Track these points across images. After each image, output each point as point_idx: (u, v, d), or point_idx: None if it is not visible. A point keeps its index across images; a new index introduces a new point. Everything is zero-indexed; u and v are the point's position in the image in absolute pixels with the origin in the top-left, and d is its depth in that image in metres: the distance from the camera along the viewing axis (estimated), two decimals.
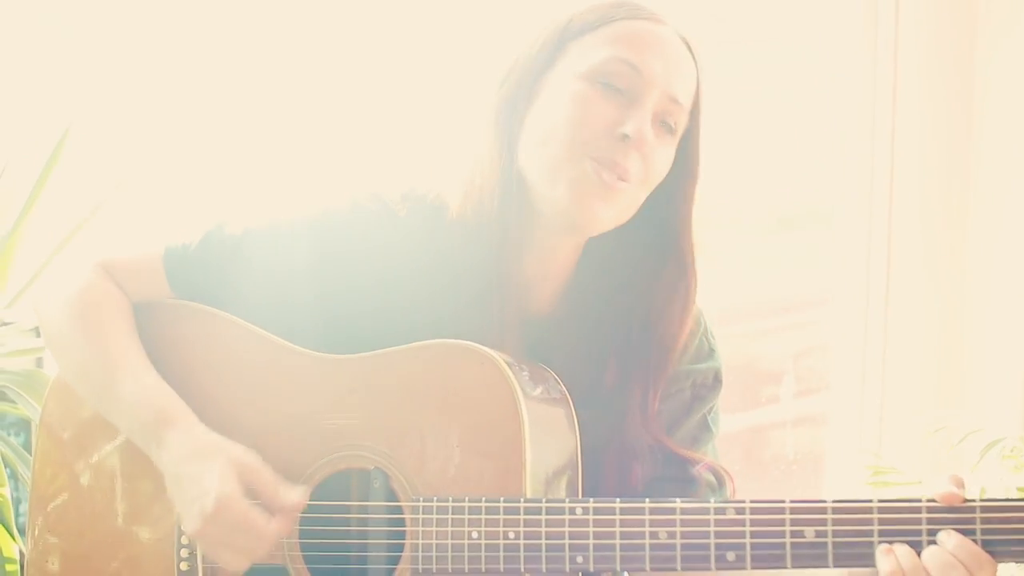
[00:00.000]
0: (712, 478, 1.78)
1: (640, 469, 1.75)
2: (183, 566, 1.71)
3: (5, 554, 2.27)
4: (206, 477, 1.60)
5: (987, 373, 2.72)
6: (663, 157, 1.69)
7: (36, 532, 1.82)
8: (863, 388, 2.83)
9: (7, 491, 2.30)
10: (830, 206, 2.96)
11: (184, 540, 1.71)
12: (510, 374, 1.59)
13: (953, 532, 1.41)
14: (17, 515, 2.50)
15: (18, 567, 2.27)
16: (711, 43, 1.75)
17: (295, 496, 1.61)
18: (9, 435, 2.59)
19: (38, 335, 2.53)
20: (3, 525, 2.26)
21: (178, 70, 2.71)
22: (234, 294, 1.77)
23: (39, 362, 2.61)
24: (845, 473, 2.83)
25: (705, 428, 1.82)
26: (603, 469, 1.73)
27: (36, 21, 2.70)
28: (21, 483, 2.38)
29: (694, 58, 1.71)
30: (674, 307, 1.76)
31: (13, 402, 2.36)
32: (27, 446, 2.53)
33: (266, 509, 1.60)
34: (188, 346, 1.79)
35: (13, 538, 2.29)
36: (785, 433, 3.06)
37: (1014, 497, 1.41)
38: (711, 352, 1.84)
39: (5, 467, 2.37)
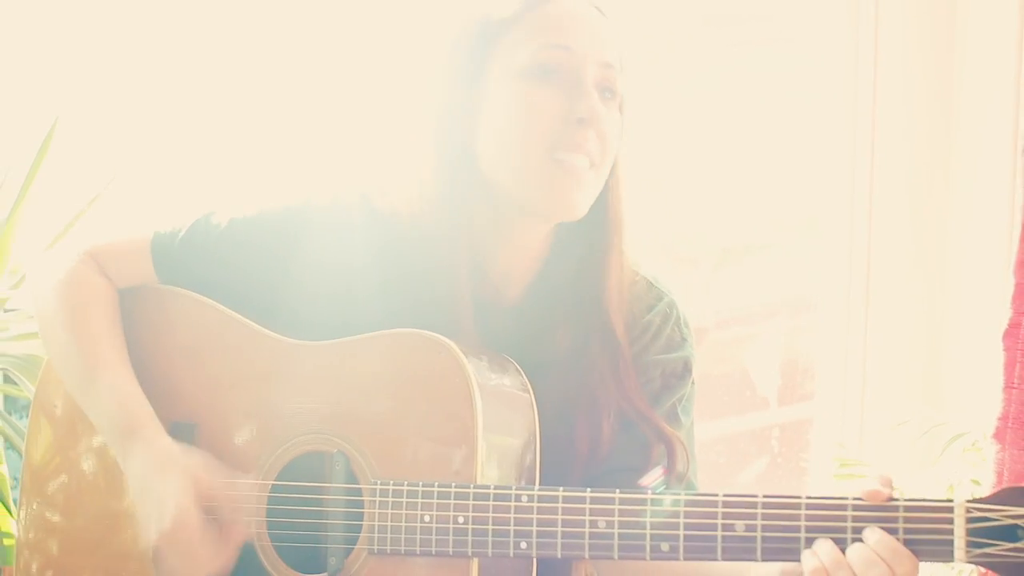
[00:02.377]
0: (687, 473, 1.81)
1: (608, 428, 1.78)
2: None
3: (3, 529, 2.34)
4: (164, 490, 1.67)
5: (960, 372, 2.76)
6: (614, 125, 1.73)
7: (30, 511, 1.88)
8: (845, 389, 2.87)
9: (5, 469, 2.36)
10: (812, 215, 2.99)
11: None
12: (465, 363, 1.64)
13: (876, 528, 1.44)
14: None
15: (15, 541, 2.33)
16: (703, 51, 1.79)
17: (243, 529, 1.69)
18: (20, 418, 2.65)
19: None
20: (2, 502, 2.33)
21: (172, 62, 2.76)
22: (216, 281, 1.83)
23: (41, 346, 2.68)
24: (825, 470, 2.86)
25: (674, 417, 1.84)
26: (573, 439, 1.76)
27: (29, 13, 2.75)
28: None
29: (608, 20, 1.75)
30: (603, 258, 1.79)
31: (18, 385, 2.42)
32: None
33: (221, 522, 1.68)
34: (168, 329, 1.85)
35: (11, 514, 2.35)
36: (772, 434, 3.10)
37: (938, 498, 1.44)
38: (682, 342, 1.87)
39: (8, 448, 2.43)
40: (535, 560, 1.68)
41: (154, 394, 1.80)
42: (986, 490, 1.95)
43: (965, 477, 2.20)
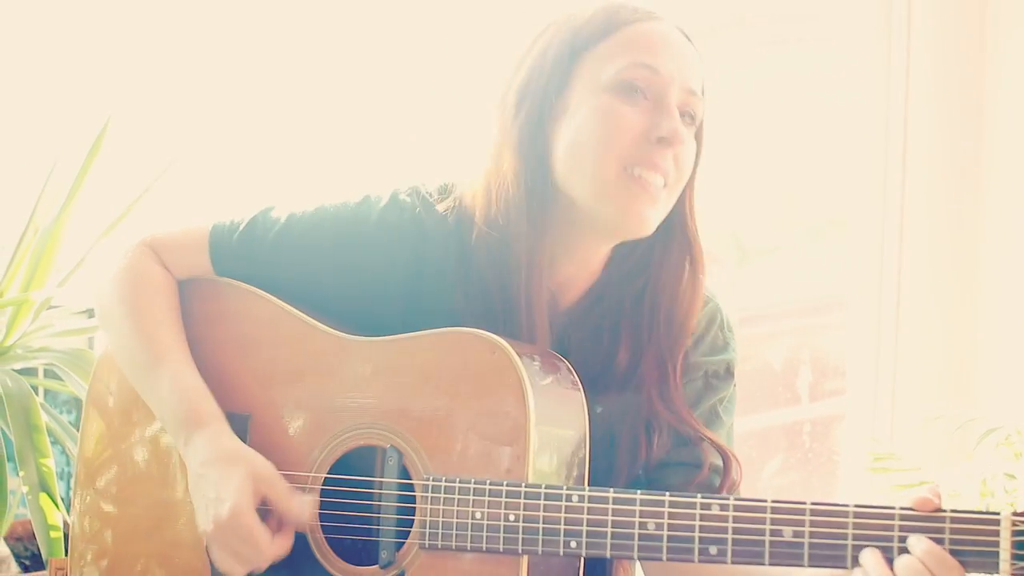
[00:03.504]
0: (719, 462, 1.85)
1: (649, 446, 1.82)
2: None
3: (50, 522, 2.38)
4: (225, 484, 1.70)
5: (992, 367, 2.78)
6: (690, 149, 1.76)
7: (84, 502, 1.92)
8: (876, 385, 2.88)
9: (52, 463, 2.41)
10: (846, 213, 3.00)
11: None
12: (519, 362, 1.66)
13: (923, 537, 1.46)
14: (66, 488, 2.62)
15: (62, 535, 2.37)
16: (734, 50, 1.81)
17: (306, 504, 1.72)
18: (60, 412, 2.69)
19: (89, 316, 2.65)
20: (48, 494, 2.37)
21: (223, 62, 2.78)
22: (273, 276, 1.85)
23: (90, 342, 2.71)
24: (858, 464, 2.89)
25: (715, 416, 1.88)
26: (617, 443, 1.80)
27: (78, 15, 2.78)
28: (70, 458, 2.48)
29: (693, 47, 1.78)
30: (682, 285, 1.83)
31: (63, 381, 2.47)
32: (77, 424, 2.64)
33: (277, 520, 1.71)
34: (223, 321, 1.88)
35: (58, 507, 2.39)
36: (803, 429, 3.12)
37: (985, 510, 1.46)
38: (726, 345, 1.91)
39: (54, 443, 2.47)
40: (582, 559, 1.71)
41: (208, 384, 1.82)
42: (1022, 484, 1.98)
43: (999, 471, 2.23)
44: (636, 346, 1.83)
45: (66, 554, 2.32)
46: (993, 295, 2.78)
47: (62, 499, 2.41)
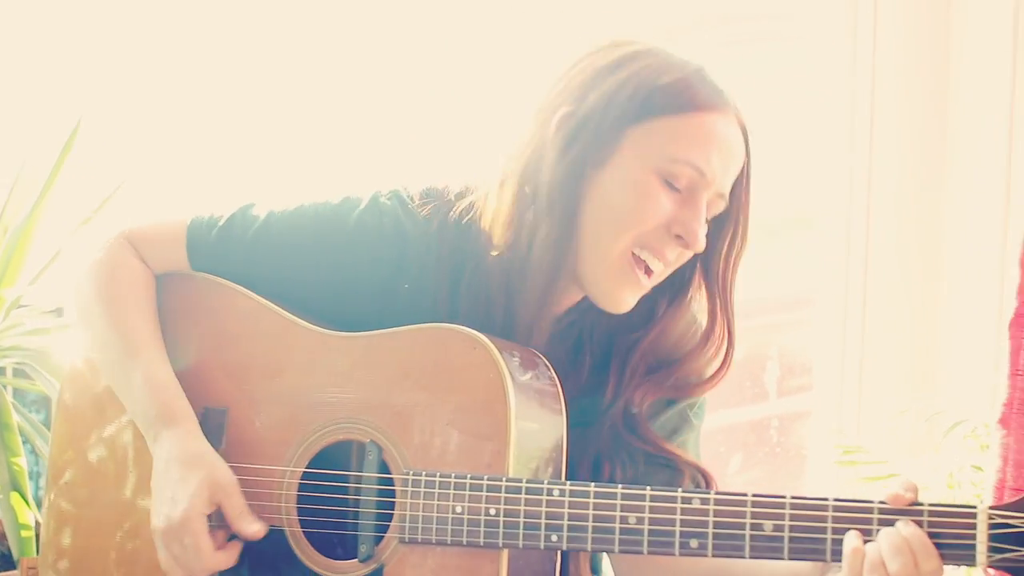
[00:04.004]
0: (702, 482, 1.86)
1: (610, 469, 1.82)
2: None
3: (20, 521, 2.36)
4: (182, 486, 1.70)
5: (956, 362, 2.82)
6: (688, 255, 1.77)
7: (50, 503, 1.91)
8: (842, 380, 2.92)
9: (24, 462, 2.39)
10: (812, 211, 3.03)
11: None
12: (499, 358, 1.67)
13: (911, 521, 1.48)
14: (36, 488, 2.61)
15: (33, 534, 2.36)
16: (700, 49, 1.81)
17: (254, 528, 1.72)
18: (30, 411, 2.68)
19: (58, 315, 2.64)
20: (19, 493, 2.36)
21: (200, 59, 2.77)
22: (250, 273, 1.85)
23: (58, 341, 2.70)
24: (825, 459, 2.92)
25: (685, 420, 1.89)
26: (577, 469, 1.80)
27: (50, 18, 2.76)
28: (40, 457, 2.47)
29: (746, 143, 1.76)
30: (703, 360, 1.84)
31: (32, 379, 2.45)
32: (47, 422, 2.62)
33: (226, 532, 1.72)
34: (200, 315, 1.88)
35: (29, 506, 2.38)
36: (771, 424, 3.15)
37: (961, 503, 1.49)
38: None
39: (24, 442, 2.46)
40: (559, 553, 1.72)
41: (186, 379, 1.82)
42: (989, 476, 2.02)
43: (966, 463, 2.26)
44: (619, 387, 1.84)
45: (37, 553, 2.32)
46: (957, 292, 2.82)
47: (33, 498, 2.40)
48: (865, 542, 1.50)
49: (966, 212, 2.81)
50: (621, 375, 1.84)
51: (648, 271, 1.74)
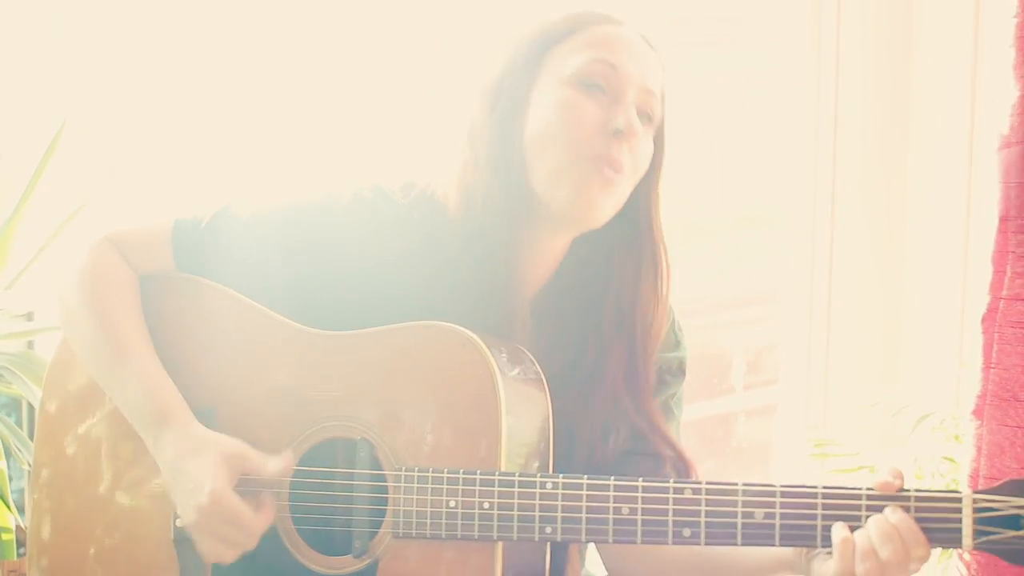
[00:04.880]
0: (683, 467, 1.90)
1: (608, 443, 1.86)
2: (179, 522, 1.78)
3: (1, 523, 2.35)
4: (199, 472, 1.71)
5: (921, 356, 2.88)
6: (646, 147, 1.81)
7: (33, 502, 1.90)
8: (808, 375, 2.97)
9: (4, 465, 2.38)
10: (777, 208, 3.08)
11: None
12: (489, 355, 1.70)
13: (898, 508, 1.53)
14: (12, 491, 2.59)
15: (13, 537, 2.35)
16: (662, 47, 1.87)
17: (281, 463, 1.73)
18: (2, 414, 2.67)
19: (28, 319, 2.63)
20: (0, 498, 2.35)
21: (180, 60, 2.76)
22: (236, 273, 1.86)
23: (30, 344, 2.68)
24: (792, 452, 2.97)
25: (668, 411, 1.94)
26: (575, 442, 1.84)
27: (34, 12, 2.75)
28: (14, 460, 2.46)
29: (656, 53, 1.84)
30: (646, 287, 1.87)
31: (10, 383, 2.44)
32: (19, 424, 2.62)
33: (254, 496, 1.72)
34: (186, 317, 1.87)
35: (9, 509, 2.37)
36: (738, 418, 3.19)
37: (946, 489, 1.54)
38: (677, 343, 1.97)
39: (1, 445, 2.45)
40: (549, 543, 1.75)
41: (173, 380, 1.82)
42: (964, 466, 2.07)
43: (936, 454, 2.31)
44: (600, 345, 1.87)
45: (18, 556, 2.32)
46: (920, 286, 2.88)
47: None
48: (852, 529, 1.55)
49: (929, 208, 2.86)
50: (599, 335, 1.87)
51: (608, 179, 1.76)
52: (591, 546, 1.96)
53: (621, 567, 1.91)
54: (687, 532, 1.60)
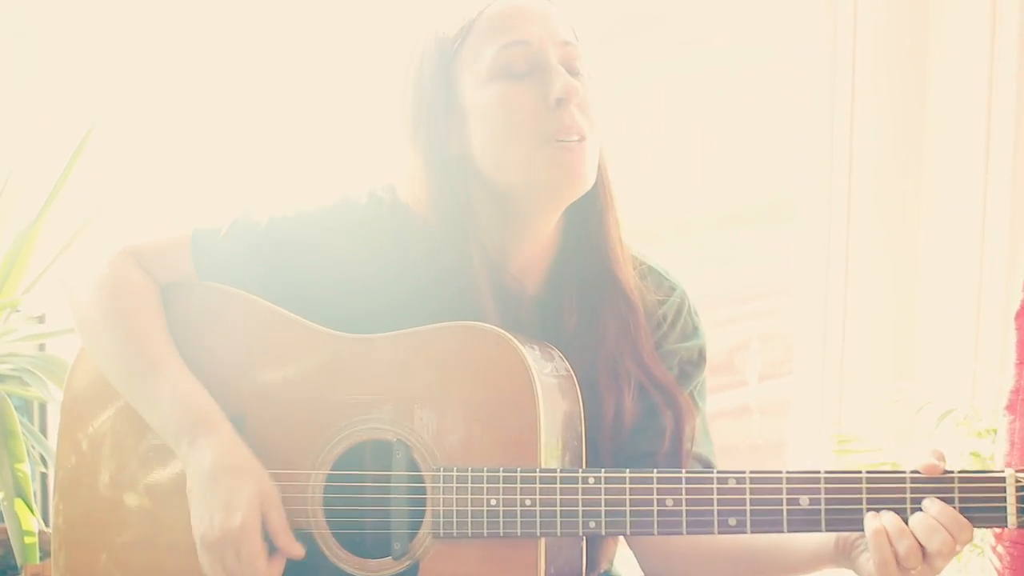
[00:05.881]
0: (705, 453, 1.91)
1: (630, 400, 1.85)
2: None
3: (24, 527, 2.35)
4: (236, 494, 1.71)
5: (937, 351, 2.88)
6: (591, 95, 1.79)
7: (65, 511, 1.90)
8: (823, 369, 2.98)
9: (28, 468, 2.38)
10: (793, 200, 3.08)
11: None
12: (524, 352, 1.70)
13: (935, 499, 1.54)
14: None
15: (36, 539, 2.35)
16: (673, 43, 1.86)
17: (297, 548, 1.73)
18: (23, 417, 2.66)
19: (40, 321, 2.63)
20: (23, 500, 2.34)
21: (183, 73, 2.77)
22: (257, 278, 1.85)
23: (41, 347, 2.69)
24: (807, 448, 2.98)
25: (692, 402, 1.92)
26: (599, 397, 1.83)
27: (56, 22, 2.75)
28: (32, 462, 2.46)
29: (550, 1, 1.82)
30: (612, 239, 1.86)
31: (28, 384, 2.44)
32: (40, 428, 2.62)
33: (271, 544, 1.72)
34: (208, 324, 1.87)
35: (32, 512, 2.37)
36: (752, 413, 3.20)
37: (988, 469, 1.55)
38: (695, 331, 1.95)
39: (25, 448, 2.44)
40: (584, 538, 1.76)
41: None
42: (994, 461, 2.08)
43: (963, 450, 2.32)
44: (585, 308, 1.87)
45: (40, 560, 2.31)
46: (935, 283, 2.89)
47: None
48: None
49: (945, 199, 2.88)
50: (584, 292, 1.87)
51: (570, 145, 1.75)
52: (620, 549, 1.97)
53: (658, 565, 1.91)
54: (733, 521, 1.61)
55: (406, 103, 1.81)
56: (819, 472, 1.59)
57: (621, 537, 1.93)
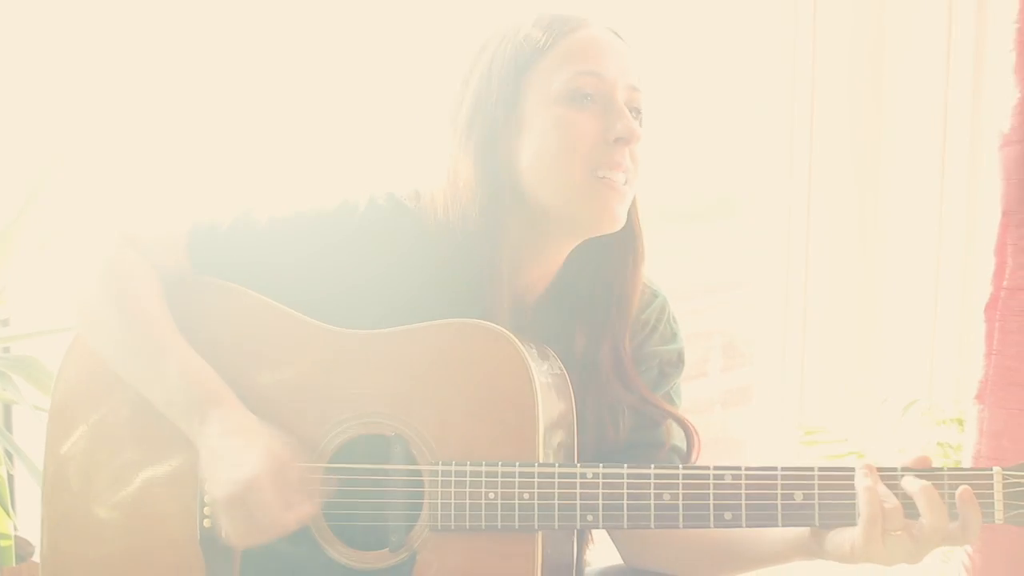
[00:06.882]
0: (682, 446, 1.97)
1: (616, 429, 1.91)
2: (206, 523, 1.81)
3: (1, 530, 2.34)
4: (244, 454, 1.72)
5: (895, 344, 2.94)
6: (641, 148, 1.85)
7: (55, 511, 1.89)
8: (784, 362, 3.04)
9: (4, 471, 2.36)
10: (753, 194, 3.13)
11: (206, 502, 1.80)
12: (524, 351, 1.74)
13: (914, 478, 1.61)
14: None
15: (12, 543, 2.34)
16: (634, 39, 1.91)
17: (313, 501, 1.74)
18: None
19: (5, 325, 2.61)
20: (0, 504, 2.33)
21: (190, 64, 2.76)
22: (255, 276, 1.87)
23: (6, 350, 2.69)
24: (769, 439, 3.04)
25: (670, 402, 1.99)
26: (584, 428, 1.88)
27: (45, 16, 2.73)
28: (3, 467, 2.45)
29: (626, 44, 1.88)
30: (627, 274, 1.92)
31: (3, 389, 2.43)
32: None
33: (285, 501, 1.72)
34: (212, 319, 1.88)
35: (8, 515, 2.36)
36: (713, 405, 3.25)
37: (978, 467, 1.61)
38: (674, 335, 2.02)
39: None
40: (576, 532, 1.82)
41: None
42: (964, 449, 2.16)
43: (930, 439, 2.39)
44: (592, 334, 1.93)
45: (16, 563, 2.30)
46: (894, 277, 2.95)
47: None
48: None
49: (902, 194, 2.93)
50: (591, 324, 1.92)
51: (615, 183, 1.81)
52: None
53: (637, 554, 1.96)
54: (728, 516, 1.66)
55: (465, 100, 1.84)
56: (813, 468, 1.64)
57: None
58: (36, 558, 2.15)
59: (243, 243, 1.88)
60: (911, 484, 1.60)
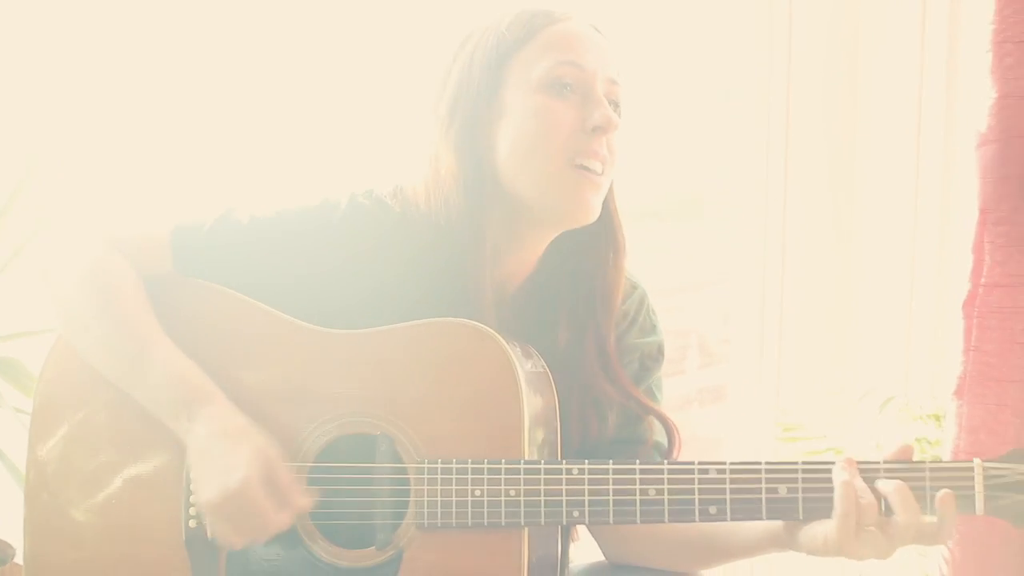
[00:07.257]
0: (660, 439, 1.98)
1: (602, 424, 1.93)
2: (192, 523, 1.81)
3: None
4: (234, 456, 1.72)
5: (871, 341, 2.96)
6: (617, 140, 1.87)
7: (39, 511, 1.88)
8: (761, 359, 3.06)
9: None
10: (729, 192, 3.14)
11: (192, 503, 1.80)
12: (508, 349, 1.75)
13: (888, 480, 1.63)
14: None
15: None
16: (611, 37, 1.94)
17: (304, 499, 1.75)
18: None
19: None
20: None
21: (175, 64, 2.75)
22: (237, 276, 1.87)
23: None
24: (747, 436, 3.06)
25: (651, 395, 2.01)
26: (567, 423, 1.89)
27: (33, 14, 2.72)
28: None
29: (607, 39, 1.90)
30: (608, 268, 1.94)
31: None
32: None
33: (277, 502, 1.73)
34: (196, 319, 1.88)
35: None
36: (690, 402, 3.27)
37: (959, 461, 1.63)
38: (654, 327, 2.04)
39: None
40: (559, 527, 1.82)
41: None
42: (943, 448, 2.18)
43: (908, 435, 2.42)
44: (575, 326, 1.94)
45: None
46: (870, 274, 2.97)
47: None
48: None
49: (878, 193, 2.96)
50: (573, 317, 1.94)
51: (591, 173, 1.83)
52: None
53: (618, 550, 1.98)
54: (713, 510, 1.67)
55: (447, 89, 1.86)
56: (796, 463, 1.66)
57: None
58: (19, 560, 2.16)
59: (225, 243, 1.88)
60: (885, 485, 1.62)
